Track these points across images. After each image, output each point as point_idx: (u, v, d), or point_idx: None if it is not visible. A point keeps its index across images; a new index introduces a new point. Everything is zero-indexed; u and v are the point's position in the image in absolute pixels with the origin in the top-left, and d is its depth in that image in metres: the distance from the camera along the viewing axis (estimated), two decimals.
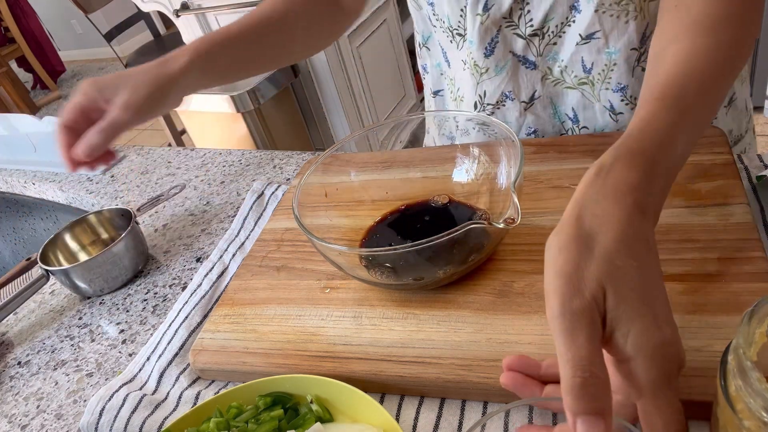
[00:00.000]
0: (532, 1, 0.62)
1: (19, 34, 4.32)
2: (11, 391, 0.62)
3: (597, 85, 0.66)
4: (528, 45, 0.65)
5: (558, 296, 0.32)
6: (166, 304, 0.67)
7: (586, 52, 0.64)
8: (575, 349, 0.30)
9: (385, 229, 0.61)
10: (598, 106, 0.67)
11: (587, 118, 0.69)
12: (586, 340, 0.30)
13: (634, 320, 0.31)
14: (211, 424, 0.46)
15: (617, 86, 0.65)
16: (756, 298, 0.30)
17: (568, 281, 0.32)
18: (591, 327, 0.31)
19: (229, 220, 0.78)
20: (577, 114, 0.69)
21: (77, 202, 1.00)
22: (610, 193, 0.35)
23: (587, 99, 0.67)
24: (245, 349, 0.53)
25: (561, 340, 0.31)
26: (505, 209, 0.46)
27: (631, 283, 0.32)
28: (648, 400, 0.31)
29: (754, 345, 0.29)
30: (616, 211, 0.34)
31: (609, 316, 0.32)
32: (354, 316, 0.53)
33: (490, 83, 0.69)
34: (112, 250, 0.69)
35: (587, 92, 0.67)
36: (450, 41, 0.71)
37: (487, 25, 0.64)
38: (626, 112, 0.66)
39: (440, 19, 0.70)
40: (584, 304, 0.31)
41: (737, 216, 0.49)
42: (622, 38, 0.62)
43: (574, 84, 0.67)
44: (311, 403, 0.47)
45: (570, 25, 0.63)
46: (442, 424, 0.45)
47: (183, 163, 0.98)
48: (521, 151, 0.50)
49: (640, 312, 0.31)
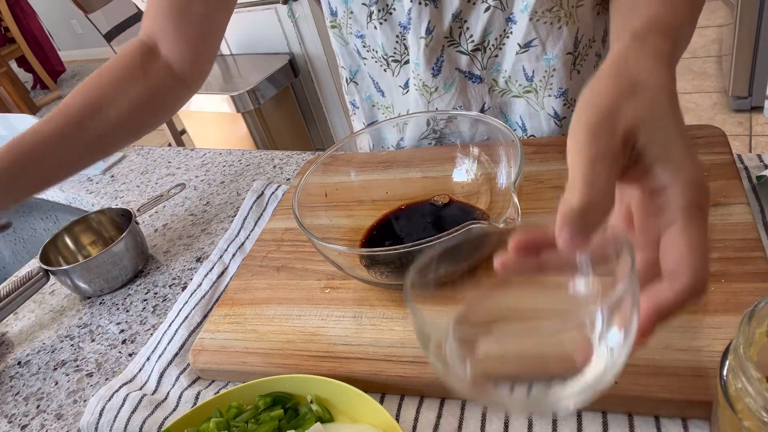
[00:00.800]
0: (469, 19, 0.65)
1: (19, 34, 4.32)
2: (11, 391, 0.62)
3: (540, 92, 0.69)
4: (472, 60, 0.68)
5: (589, 126, 0.32)
6: (166, 304, 0.67)
7: (527, 61, 0.67)
8: (594, 174, 0.30)
9: (385, 229, 0.61)
10: (543, 114, 0.71)
11: (534, 127, 0.72)
12: (606, 169, 0.30)
13: (673, 150, 0.32)
14: (211, 424, 0.46)
15: (559, 91, 0.68)
16: (756, 298, 0.30)
17: (604, 115, 0.32)
18: (614, 160, 0.31)
19: (229, 220, 0.78)
20: (525, 123, 0.72)
21: (77, 202, 1.00)
22: (651, 54, 0.36)
23: (533, 108, 0.71)
24: (245, 349, 0.53)
25: (580, 164, 0.30)
26: (505, 209, 0.46)
27: (672, 121, 0.33)
28: (679, 224, 0.31)
29: (754, 345, 0.29)
30: (660, 68, 0.35)
31: (646, 149, 0.32)
32: (354, 316, 0.53)
33: (441, 101, 0.71)
34: (112, 250, 0.69)
35: (532, 101, 0.70)
36: (384, 70, 0.73)
37: (432, 47, 0.67)
38: (569, 116, 0.70)
39: (372, 50, 0.72)
40: (615, 138, 0.31)
41: (737, 216, 0.49)
42: (557, 44, 0.65)
43: (520, 92, 0.70)
44: (311, 403, 0.47)
45: (508, 36, 0.66)
46: (442, 424, 0.45)
47: (183, 163, 0.98)
48: (521, 151, 0.50)
49: (679, 144, 0.32)
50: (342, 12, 0.71)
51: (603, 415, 0.41)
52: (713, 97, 2.36)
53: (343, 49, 0.75)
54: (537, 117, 0.71)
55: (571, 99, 0.69)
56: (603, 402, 0.41)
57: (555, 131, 0.72)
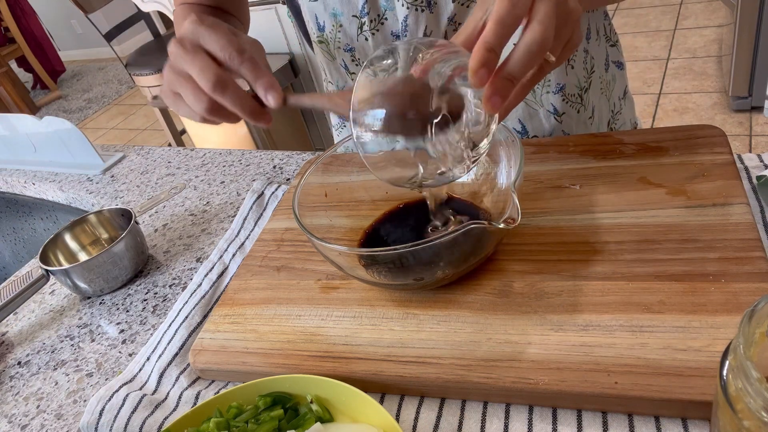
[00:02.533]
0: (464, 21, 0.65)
1: (19, 34, 4.32)
2: (11, 391, 0.62)
3: (538, 90, 0.69)
4: None
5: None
6: (166, 304, 0.67)
7: None
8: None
9: (384, 228, 0.61)
10: (542, 112, 0.71)
11: (535, 127, 0.73)
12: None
13: None
14: (211, 424, 0.46)
15: (557, 87, 0.69)
16: (756, 298, 0.30)
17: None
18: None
19: (229, 220, 0.78)
20: (525, 124, 0.72)
21: (77, 202, 1.00)
22: None
23: (531, 108, 0.71)
24: (245, 349, 0.53)
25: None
26: (505, 209, 0.46)
27: None
28: None
29: (754, 345, 0.29)
30: None
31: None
32: (354, 316, 0.53)
33: None
34: (112, 250, 0.69)
35: (530, 100, 0.70)
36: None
37: None
38: (567, 110, 0.71)
39: (361, 63, 0.72)
40: None
41: (737, 216, 0.49)
42: None
43: None
44: (311, 403, 0.47)
45: None
46: (442, 424, 0.45)
47: (183, 163, 0.98)
48: (521, 151, 0.50)
49: None
50: (330, 26, 0.70)
51: (603, 415, 0.41)
52: (713, 97, 2.36)
53: (330, 64, 0.75)
54: (537, 116, 0.72)
55: (569, 94, 0.70)
56: (603, 402, 0.41)
57: (555, 127, 0.72)
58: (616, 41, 0.78)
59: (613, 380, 0.40)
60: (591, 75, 0.73)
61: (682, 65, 2.63)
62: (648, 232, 0.51)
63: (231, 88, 0.48)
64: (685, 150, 0.58)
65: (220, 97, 0.48)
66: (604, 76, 0.76)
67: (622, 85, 0.81)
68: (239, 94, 0.49)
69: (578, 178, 0.59)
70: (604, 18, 0.75)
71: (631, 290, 0.46)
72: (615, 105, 0.79)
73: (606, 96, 0.77)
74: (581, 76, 0.72)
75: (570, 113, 0.72)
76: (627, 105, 0.82)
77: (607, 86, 0.77)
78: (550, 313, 0.47)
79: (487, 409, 0.45)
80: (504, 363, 0.44)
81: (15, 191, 1.13)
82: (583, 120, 0.74)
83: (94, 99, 4.50)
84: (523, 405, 0.44)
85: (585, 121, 0.74)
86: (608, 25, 0.76)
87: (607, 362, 0.42)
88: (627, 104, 0.82)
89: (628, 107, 0.83)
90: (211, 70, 0.47)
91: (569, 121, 0.73)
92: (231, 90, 0.48)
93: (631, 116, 0.84)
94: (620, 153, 0.61)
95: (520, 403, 0.44)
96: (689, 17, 2.98)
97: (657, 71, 2.63)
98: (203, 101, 0.49)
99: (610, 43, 0.77)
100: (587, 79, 0.73)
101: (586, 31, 0.71)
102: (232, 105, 0.49)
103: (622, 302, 0.46)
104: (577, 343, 0.44)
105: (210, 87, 0.47)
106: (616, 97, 0.79)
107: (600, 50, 0.75)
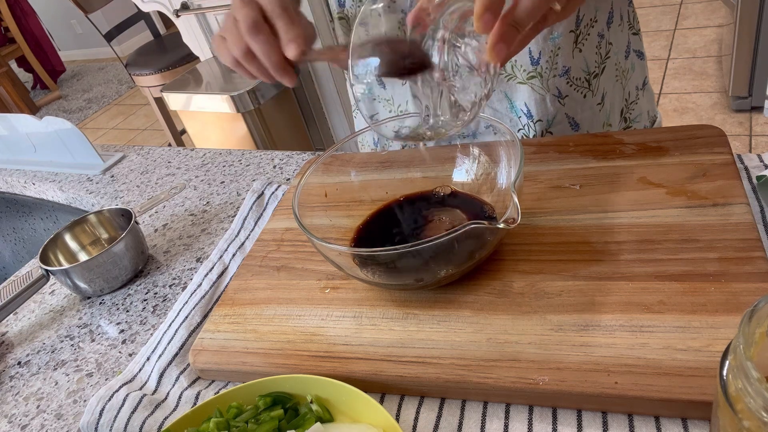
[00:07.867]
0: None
1: (19, 34, 4.32)
2: (11, 391, 0.62)
3: (546, 74, 0.69)
4: None
5: None
6: (166, 304, 0.67)
7: (533, 42, 0.67)
8: None
9: (384, 226, 0.61)
10: (549, 97, 0.71)
11: (541, 112, 0.73)
12: None
13: None
14: (211, 424, 0.46)
15: (563, 69, 0.69)
16: (756, 298, 0.30)
17: None
18: None
19: (229, 220, 0.78)
20: (530, 109, 0.72)
21: (77, 202, 1.00)
22: None
23: (538, 93, 0.71)
24: (245, 349, 0.53)
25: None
26: (505, 209, 0.46)
27: None
28: None
29: (754, 345, 0.29)
30: None
31: None
32: (354, 316, 0.53)
33: None
34: (112, 250, 0.69)
35: (537, 85, 0.70)
36: None
37: None
38: (571, 93, 0.71)
39: None
40: None
41: (737, 216, 0.49)
42: (563, 21, 0.66)
43: (524, 79, 0.70)
44: (311, 403, 0.47)
45: None
46: (442, 424, 0.45)
47: (183, 163, 0.98)
48: (521, 151, 0.50)
49: None
50: (350, 2, 0.71)
51: (603, 415, 0.42)
52: (713, 97, 2.36)
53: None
54: (543, 102, 0.71)
55: (574, 78, 0.70)
56: (603, 402, 0.41)
57: (560, 111, 0.72)
58: (639, 30, 0.77)
59: (613, 380, 0.40)
60: (605, 60, 0.72)
61: (682, 65, 2.63)
62: (648, 232, 0.51)
63: (263, 34, 0.52)
64: (685, 150, 0.58)
65: (252, 40, 0.52)
66: (621, 63, 0.75)
67: (641, 75, 0.79)
68: (269, 42, 0.52)
69: (578, 178, 0.59)
70: (628, 4, 0.74)
71: (631, 290, 0.46)
72: (630, 94, 0.78)
73: (621, 84, 0.76)
74: (591, 61, 0.71)
75: (574, 96, 0.72)
76: (646, 96, 0.81)
77: (624, 74, 0.76)
78: (550, 313, 0.47)
79: (487, 409, 0.45)
80: (504, 363, 0.44)
81: (15, 191, 1.13)
82: (590, 105, 0.73)
83: (94, 99, 4.50)
84: (523, 405, 0.44)
85: (593, 107, 0.73)
86: (632, 12, 0.75)
87: (607, 362, 0.42)
88: (646, 95, 0.81)
89: (647, 99, 0.81)
90: (252, 15, 0.51)
91: (573, 105, 0.72)
92: (263, 36, 0.52)
93: (649, 108, 0.82)
94: (620, 153, 0.61)
95: (520, 403, 0.44)
96: (689, 17, 2.98)
97: (657, 71, 2.63)
98: (240, 45, 0.53)
99: (633, 32, 0.76)
100: (600, 64, 0.72)
101: (609, 15, 0.71)
102: (260, 52, 0.52)
103: (622, 302, 0.46)
104: (577, 343, 0.44)
105: (246, 28, 0.51)
106: (633, 86, 0.78)
107: (622, 37, 0.74)
